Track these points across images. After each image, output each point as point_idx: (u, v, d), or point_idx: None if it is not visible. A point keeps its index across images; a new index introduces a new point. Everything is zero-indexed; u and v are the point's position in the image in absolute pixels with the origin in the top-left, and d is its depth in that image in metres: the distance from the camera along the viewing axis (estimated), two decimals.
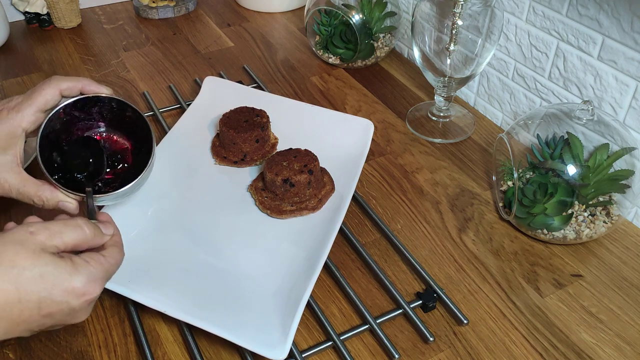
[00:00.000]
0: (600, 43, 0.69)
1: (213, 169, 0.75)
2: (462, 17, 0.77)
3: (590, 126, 0.68)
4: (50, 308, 0.43)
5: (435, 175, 0.78)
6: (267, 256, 0.63)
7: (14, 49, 1.06)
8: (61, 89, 0.56)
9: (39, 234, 0.44)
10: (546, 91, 0.79)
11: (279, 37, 1.12)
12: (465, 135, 0.86)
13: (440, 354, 0.57)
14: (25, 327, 0.43)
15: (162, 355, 0.57)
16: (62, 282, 0.43)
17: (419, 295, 0.61)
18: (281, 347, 0.51)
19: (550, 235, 0.67)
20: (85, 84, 0.57)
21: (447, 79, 0.82)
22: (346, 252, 0.67)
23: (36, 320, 0.43)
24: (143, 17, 1.18)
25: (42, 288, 0.43)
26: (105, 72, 1.00)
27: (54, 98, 0.55)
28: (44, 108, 0.55)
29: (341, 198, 0.69)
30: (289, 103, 0.82)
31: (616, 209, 0.68)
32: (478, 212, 0.73)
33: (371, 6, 0.97)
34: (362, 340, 0.58)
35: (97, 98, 0.58)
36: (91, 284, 0.45)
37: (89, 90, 0.57)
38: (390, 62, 1.03)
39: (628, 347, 0.58)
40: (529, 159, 0.70)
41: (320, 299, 0.62)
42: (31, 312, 0.43)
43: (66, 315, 0.45)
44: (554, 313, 0.61)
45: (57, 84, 0.55)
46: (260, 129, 0.75)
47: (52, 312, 0.44)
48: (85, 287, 0.45)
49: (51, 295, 0.43)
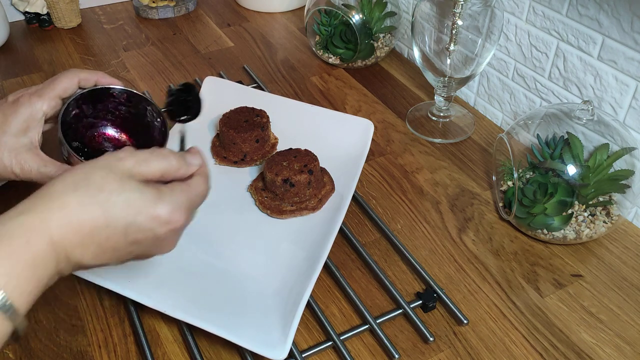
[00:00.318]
0: (600, 43, 0.69)
1: (213, 169, 0.75)
2: (462, 17, 0.77)
3: (590, 126, 0.68)
4: (136, 235, 0.43)
5: (435, 175, 0.78)
6: (267, 256, 0.63)
7: (14, 49, 1.06)
8: (79, 78, 0.60)
9: (127, 161, 0.44)
10: (546, 91, 0.79)
11: (279, 37, 1.12)
12: (465, 135, 0.86)
13: (440, 354, 0.57)
14: (112, 254, 0.43)
15: (162, 355, 0.57)
16: (147, 208, 0.43)
17: (419, 295, 0.61)
18: (281, 347, 0.51)
19: (550, 235, 0.67)
20: (100, 76, 0.61)
21: (447, 79, 0.82)
22: (346, 252, 0.67)
23: (123, 247, 0.43)
24: (143, 17, 1.18)
25: (128, 213, 0.42)
26: (106, 72, 1.00)
27: (72, 86, 0.60)
28: (63, 95, 0.59)
29: (341, 198, 0.69)
30: (289, 103, 0.82)
31: (616, 209, 0.68)
32: (478, 212, 0.73)
33: (371, 6, 0.97)
34: (362, 340, 0.58)
35: (109, 90, 0.61)
36: (175, 212, 0.44)
37: (103, 82, 0.61)
38: (390, 62, 1.03)
39: (628, 347, 0.58)
40: (529, 159, 0.70)
41: (320, 299, 0.62)
42: (118, 238, 0.42)
43: (152, 244, 0.45)
44: (554, 313, 0.61)
45: (76, 74, 0.60)
46: (260, 129, 0.75)
47: (138, 239, 0.44)
48: (170, 215, 0.44)
49: (136, 221, 0.43)
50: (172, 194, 0.45)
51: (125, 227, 0.42)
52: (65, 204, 0.41)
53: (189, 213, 0.46)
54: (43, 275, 0.39)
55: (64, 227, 0.40)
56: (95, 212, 0.41)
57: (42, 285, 0.39)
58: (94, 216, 0.41)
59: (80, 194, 0.41)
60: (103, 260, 0.43)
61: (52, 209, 0.40)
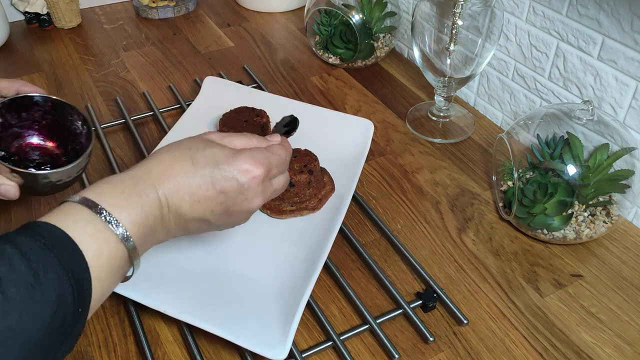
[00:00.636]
0: (600, 43, 0.69)
1: None
2: (462, 17, 0.77)
3: (590, 126, 0.68)
4: (221, 183, 0.48)
5: (435, 175, 0.78)
6: (267, 256, 0.63)
7: (14, 49, 1.06)
8: None
9: (211, 135, 0.52)
10: (546, 91, 0.79)
11: (279, 37, 1.12)
12: (465, 135, 0.86)
13: (440, 354, 0.57)
14: (206, 204, 0.48)
15: (162, 355, 0.57)
16: (227, 158, 0.49)
17: (419, 295, 0.61)
18: (281, 347, 0.51)
19: (550, 235, 0.67)
20: (21, 85, 0.60)
21: (447, 79, 0.82)
22: (346, 252, 0.67)
23: (213, 196, 0.48)
24: (143, 17, 1.18)
25: (212, 162, 0.49)
26: (105, 72, 1.00)
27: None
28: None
29: (341, 198, 0.69)
30: (289, 103, 0.82)
31: (616, 209, 0.68)
32: (478, 212, 0.73)
33: (371, 6, 0.97)
34: (362, 340, 0.58)
35: (32, 98, 0.60)
36: (253, 162, 0.50)
37: (25, 90, 0.60)
38: (390, 62, 1.03)
39: (628, 347, 0.58)
40: (529, 159, 0.70)
41: (320, 299, 0.62)
42: (207, 186, 0.48)
43: (238, 194, 0.49)
44: (554, 313, 0.61)
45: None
46: (260, 129, 0.75)
47: (225, 188, 0.49)
48: (249, 165, 0.49)
49: (220, 169, 0.49)
50: (252, 150, 0.51)
51: (211, 175, 0.48)
52: (160, 160, 0.48)
53: (266, 167, 0.51)
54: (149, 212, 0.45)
55: (161, 177, 0.47)
56: (184, 164, 0.48)
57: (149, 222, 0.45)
58: (185, 166, 0.48)
59: (172, 152, 0.49)
60: (199, 211, 0.48)
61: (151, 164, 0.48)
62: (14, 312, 0.34)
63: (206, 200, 0.48)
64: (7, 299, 0.34)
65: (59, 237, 0.39)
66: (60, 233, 0.39)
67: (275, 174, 0.53)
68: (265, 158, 0.51)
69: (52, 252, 0.37)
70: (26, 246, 0.37)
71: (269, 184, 0.52)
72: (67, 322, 0.37)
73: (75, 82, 0.97)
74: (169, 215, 0.47)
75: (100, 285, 0.41)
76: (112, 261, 0.42)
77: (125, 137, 0.85)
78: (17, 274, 0.35)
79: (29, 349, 0.34)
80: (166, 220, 0.47)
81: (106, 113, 0.90)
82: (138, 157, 0.80)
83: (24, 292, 0.34)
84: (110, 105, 0.91)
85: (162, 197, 0.46)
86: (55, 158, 0.63)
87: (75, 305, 0.38)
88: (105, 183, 0.45)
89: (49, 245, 0.38)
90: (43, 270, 0.36)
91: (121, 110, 0.88)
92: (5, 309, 0.33)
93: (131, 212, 0.43)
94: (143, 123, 0.87)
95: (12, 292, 0.34)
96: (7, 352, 0.33)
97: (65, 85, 0.96)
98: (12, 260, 0.35)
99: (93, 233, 0.40)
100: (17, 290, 0.34)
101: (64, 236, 0.39)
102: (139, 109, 0.91)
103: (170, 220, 0.47)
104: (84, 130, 0.63)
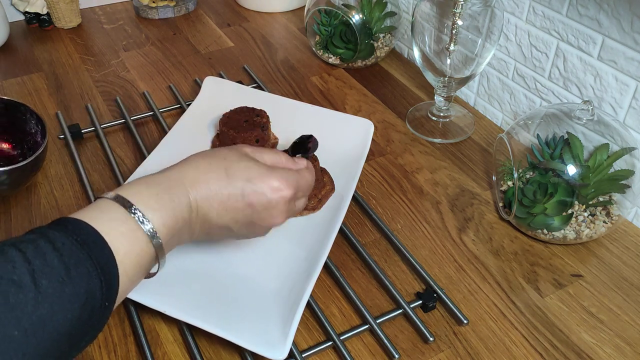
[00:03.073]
0: (600, 43, 0.69)
1: None
2: (462, 17, 0.77)
3: (590, 126, 0.68)
4: (251, 197, 0.50)
5: (435, 175, 0.78)
6: (267, 256, 0.63)
7: (14, 49, 1.06)
8: None
9: (245, 148, 0.54)
10: (546, 91, 0.79)
11: (279, 37, 1.12)
12: (465, 135, 0.86)
13: (440, 354, 0.57)
14: (233, 214, 0.50)
15: (162, 355, 0.57)
16: (261, 175, 0.51)
17: (419, 295, 0.61)
18: (281, 347, 0.51)
19: (550, 235, 0.67)
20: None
21: (447, 79, 0.82)
22: (346, 252, 0.67)
23: (241, 207, 0.50)
24: (143, 17, 1.18)
25: (245, 176, 0.50)
26: (105, 72, 1.00)
27: None
28: None
29: (341, 198, 0.68)
30: (289, 103, 0.82)
31: (616, 209, 0.68)
32: (478, 212, 0.73)
33: (371, 6, 0.97)
34: (362, 340, 0.58)
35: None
36: (284, 182, 0.52)
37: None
38: (390, 62, 1.03)
39: (628, 347, 0.58)
40: (529, 159, 0.70)
41: (320, 299, 0.62)
42: (237, 197, 0.50)
43: (264, 209, 0.51)
44: (554, 313, 0.61)
45: None
46: (260, 129, 0.75)
47: (253, 202, 0.51)
48: (280, 184, 0.51)
49: (252, 182, 0.50)
50: (284, 171, 0.53)
51: (242, 187, 0.50)
52: (196, 166, 0.50)
53: (295, 189, 0.53)
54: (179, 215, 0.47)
55: (195, 182, 0.49)
56: (219, 173, 0.50)
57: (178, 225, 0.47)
58: (219, 175, 0.50)
59: (207, 160, 0.51)
60: (225, 219, 0.50)
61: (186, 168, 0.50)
62: (46, 303, 0.36)
63: (234, 210, 0.50)
64: (40, 290, 0.36)
65: (91, 234, 0.41)
66: (93, 231, 0.41)
67: (299, 197, 0.55)
68: (295, 180, 0.53)
69: (83, 249, 0.40)
70: (59, 241, 0.39)
71: (293, 205, 0.54)
72: (94, 314, 0.40)
73: (75, 82, 0.97)
74: (196, 220, 0.49)
75: (127, 281, 0.43)
76: (140, 259, 0.44)
77: (125, 137, 0.85)
78: (50, 267, 0.37)
79: (57, 338, 0.37)
80: (193, 223, 0.49)
81: (106, 113, 0.90)
82: (138, 157, 0.80)
83: (55, 285, 0.37)
84: (110, 105, 0.91)
85: (192, 202, 0.48)
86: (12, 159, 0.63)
87: (103, 299, 0.40)
88: (141, 183, 0.47)
89: (81, 241, 0.40)
90: (74, 265, 0.38)
91: (121, 110, 0.88)
92: (37, 300, 0.36)
93: (163, 214, 0.46)
94: (143, 123, 0.87)
95: (44, 285, 0.36)
96: (37, 340, 0.36)
97: (65, 85, 0.96)
98: (45, 254, 0.38)
99: (125, 232, 0.43)
100: (49, 282, 0.37)
101: (96, 234, 0.41)
102: (139, 109, 0.91)
103: (197, 225, 0.50)
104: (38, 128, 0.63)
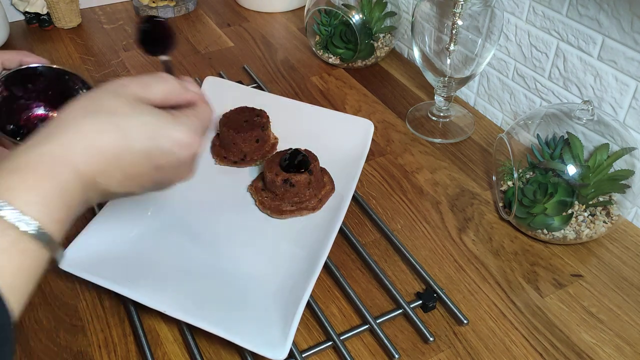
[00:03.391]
0: (600, 43, 0.69)
1: (213, 169, 0.75)
2: (462, 17, 0.77)
3: (590, 126, 0.68)
4: (159, 159, 0.43)
5: (435, 175, 0.78)
6: (267, 256, 0.63)
7: (14, 49, 1.06)
8: (2, 59, 0.56)
9: (131, 85, 0.44)
10: (546, 91, 0.79)
11: (279, 37, 1.12)
12: (465, 135, 0.86)
13: (440, 354, 0.57)
14: (137, 180, 0.43)
15: (162, 355, 0.57)
16: (166, 131, 0.43)
17: (419, 295, 0.61)
18: (281, 347, 0.51)
19: (550, 235, 0.67)
20: (24, 55, 0.57)
21: (447, 79, 0.82)
22: (346, 252, 0.67)
23: (147, 172, 0.43)
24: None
25: (148, 136, 0.42)
26: (106, 72, 1.00)
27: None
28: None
29: (341, 198, 0.68)
30: (289, 103, 0.82)
31: (616, 209, 0.68)
32: (478, 212, 0.73)
33: (371, 6, 0.97)
34: (362, 340, 0.58)
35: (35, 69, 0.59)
36: (192, 134, 0.44)
37: (27, 61, 0.58)
38: (390, 62, 1.03)
39: (628, 347, 0.58)
40: (529, 159, 0.70)
41: (320, 299, 0.62)
42: (142, 162, 0.42)
43: (174, 170, 0.45)
44: (554, 313, 0.61)
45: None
46: (260, 129, 0.75)
47: (162, 164, 0.43)
48: (188, 138, 0.44)
49: (158, 143, 0.42)
50: (187, 118, 0.45)
51: (148, 150, 0.42)
52: (79, 130, 0.39)
53: (202, 136, 0.46)
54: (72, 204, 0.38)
55: (86, 154, 0.39)
56: (113, 136, 0.40)
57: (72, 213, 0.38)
58: (114, 140, 0.40)
59: (92, 119, 0.40)
60: (128, 187, 0.43)
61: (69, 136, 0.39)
62: None
63: (139, 176, 0.43)
64: None
65: None
66: None
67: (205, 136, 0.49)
68: (200, 125, 0.46)
69: None
70: None
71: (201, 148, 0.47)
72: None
73: None
74: (94, 195, 0.41)
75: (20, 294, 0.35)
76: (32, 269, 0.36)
77: None
78: None
79: None
80: (89, 199, 0.41)
81: None
82: None
83: None
84: None
85: (87, 182, 0.39)
86: None
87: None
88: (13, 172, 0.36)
89: None
90: None
91: None
92: None
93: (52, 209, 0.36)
94: None
95: None
96: None
97: None
98: None
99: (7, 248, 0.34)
100: None
101: None
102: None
103: (93, 198, 0.41)
104: None
